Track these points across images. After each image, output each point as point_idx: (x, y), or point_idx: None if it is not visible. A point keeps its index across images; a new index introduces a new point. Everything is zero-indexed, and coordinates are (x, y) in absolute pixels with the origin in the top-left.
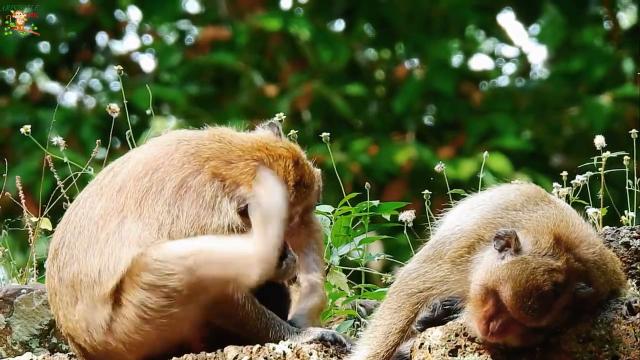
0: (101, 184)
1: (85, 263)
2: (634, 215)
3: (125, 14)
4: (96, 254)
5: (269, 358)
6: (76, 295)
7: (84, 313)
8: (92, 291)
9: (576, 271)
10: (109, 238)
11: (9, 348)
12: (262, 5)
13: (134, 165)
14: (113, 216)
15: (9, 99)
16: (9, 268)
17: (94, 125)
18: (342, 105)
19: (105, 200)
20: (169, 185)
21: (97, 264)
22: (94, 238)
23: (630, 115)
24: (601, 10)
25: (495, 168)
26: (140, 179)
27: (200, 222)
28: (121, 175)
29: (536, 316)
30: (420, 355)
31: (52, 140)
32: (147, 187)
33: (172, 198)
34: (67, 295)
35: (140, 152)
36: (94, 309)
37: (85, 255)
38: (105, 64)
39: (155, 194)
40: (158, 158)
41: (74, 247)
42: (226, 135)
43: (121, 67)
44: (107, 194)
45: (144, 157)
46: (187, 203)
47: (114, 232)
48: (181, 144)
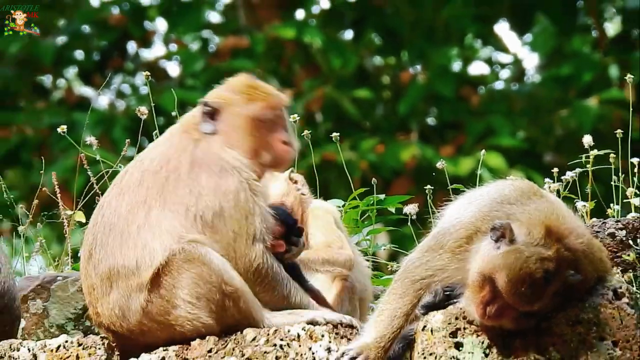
0: (120, 185)
1: (121, 256)
2: (619, 208)
3: (153, 24)
4: (130, 247)
5: (284, 339)
6: (111, 285)
7: (118, 301)
8: (129, 281)
9: (566, 260)
10: (140, 230)
11: (46, 330)
12: (279, 16)
13: (148, 164)
14: (139, 208)
15: (46, 103)
16: (46, 257)
17: (124, 126)
18: (351, 108)
19: (129, 196)
20: (182, 169)
21: (132, 256)
22: (126, 232)
23: (616, 116)
24: (589, 21)
25: (492, 165)
26: (157, 172)
27: (221, 189)
28: (137, 174)
29: (529, 301)
30: (423, 337)
31: (86, 140)
32: (164, 177)
33: (189, 179)
34: (102, 287)
35: (149, 152)
36: (129, 297)
37: (121, 249)
38: (135, 70)
39: (174, 182)
40: (165, 152)
41: (107, 245)
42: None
43: (149, 73)
44: (129, 191)
45: (154, 154)
46: (204, 176)
47: (143, 223)
48: (172, 132)
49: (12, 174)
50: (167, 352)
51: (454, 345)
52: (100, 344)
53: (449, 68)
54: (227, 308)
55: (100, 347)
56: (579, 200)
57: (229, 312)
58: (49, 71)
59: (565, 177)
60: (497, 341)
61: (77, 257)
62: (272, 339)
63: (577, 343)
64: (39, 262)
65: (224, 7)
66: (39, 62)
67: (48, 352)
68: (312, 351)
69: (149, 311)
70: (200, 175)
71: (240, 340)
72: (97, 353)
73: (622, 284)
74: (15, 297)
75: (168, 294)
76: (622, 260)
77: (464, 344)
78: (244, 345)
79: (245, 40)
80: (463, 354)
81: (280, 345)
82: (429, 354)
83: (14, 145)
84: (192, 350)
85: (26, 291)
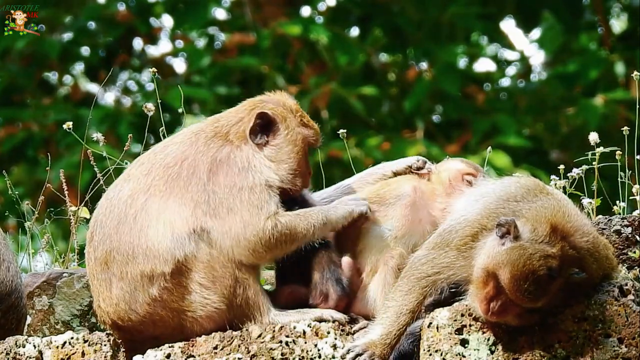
0: (129, 173)
1: (117, 240)
2: (625, 205)
3: (159, 21)
4: (126, 232)
5: (290, 336)
6: (110, 279)
7: (123, 293)
8: (126, 267)
9: (570, 258)
10: (137, 216)
11: (52, 327)
12: (285, 13)
13: (163, 157)
14: (140, 195)
15: (52, 99)
16: (52, 254)
17: (130, 123)
18: (358, 105)
19: (134, 183)
20: (201, 168)
21: (127, 241)
22: (123, 216)
23: (622, 114)
24: (595, 18)
25: (497, 163)
26: (171, 167)
27: (237, 187)
28: (147, 164)
29: (532, 298)
30: (429, 333)
31: (92, 136)
32: (177, 172)
33: (206, 177)
34: (101, 276)
35: (166, 147)
36: (135, 289)
37: (117, 233)
38: (141, 66)
39: (186, 178)
40: (184, 150)
41: (106, 226)
42: (224, 112)
43: (155, 69)
44: (135, 179)
45: (171, 150)
46: (222, 175)
47: (141, 209)
48: (199, 134)
49: (18, 170)
50: (172, 349)
51: (460, 342)
52: (106, 341)
53: (455, 65)
54: (237, 295)
55: (106, 344)
56: (585, 198)
57: (238, 299)
58: (55, 67)
59: (572, 174)
60: (502, 338)
61: (83, 254)
62: (278, 335)
63: (582, 340)
64: (45, 258)
65: (230, 3)
66: (45, 59)
67: (54, 348)
68: (318, 348)
69: (162, 299)
70: (219, 175)
71: (246, 336)
72: (102, 349)
73: (628, 281)
74: (22, 295)
75: (185, 280)
76: (628, 257)
77: (470, 340)
78: (249, 341)
79: (251, 37)
80: (469, 351)
81: (286, 342)
82: (434, 351)
83: (20, 142)
84: (197, 346)
85: (32, 288)
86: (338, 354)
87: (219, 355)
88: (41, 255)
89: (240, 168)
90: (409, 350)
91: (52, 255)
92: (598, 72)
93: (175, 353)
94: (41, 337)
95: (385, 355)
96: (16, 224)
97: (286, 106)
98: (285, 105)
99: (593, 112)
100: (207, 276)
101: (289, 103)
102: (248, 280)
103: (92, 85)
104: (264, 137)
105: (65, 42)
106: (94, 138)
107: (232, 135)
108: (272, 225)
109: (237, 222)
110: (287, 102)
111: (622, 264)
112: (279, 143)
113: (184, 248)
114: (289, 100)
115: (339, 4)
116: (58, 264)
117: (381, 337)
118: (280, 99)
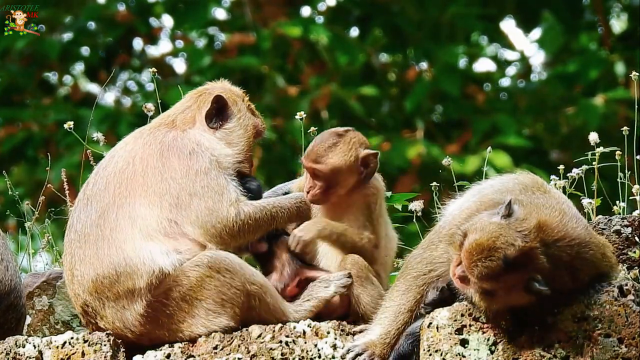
0: (85, 196)
1: (100, 265)
2: (625, 205)
3: (159, 21)
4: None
5: (290, 335)
6: (101, 299)
7: (114, 315)
8: (114, 289)
9: (537, 265)
10: (113, 232)
11: (52, 327)
12: (285, 13)
13: (113, 166)
14: (109, 211)
15: (52, 99)
16: (52, 254)
17: (130, 123)
18: (357, 105)
19: (96, 203)
20: (153, 156)
21: (109, 262)
22: (100, 238)
23: (622, 114)
24: (595, 18)
25: (497, 163)
26: (124, 170)
27: (192, 170)
28: (101, 180)
29: (479, 274)
30: (429, 333)
31: (93, 136)
32: (132, 171)
33: (160, 163)
34: (94, 302)
35: (111, 158)
36: (123, 307)
37: (98, 257)
38: (141, 66)
39: (142, 174)
40: (131, 149)
41: (85, 258)
42: (172, 107)
43: (155, 69)
44: (95, 198)
45: (119, 155)
46: (175, 159)
47: (115, 225)
48: (143, 130)
49: (18, 170)
50: (172, 349)
51: (460, 342)
52: (105, 341)
53: (455, 66)
54: (254, 307)
55: (106, 344)
56: (585, 198)
57: (255, 311)
58: (55, 68)
59: (571, 174)
60: (502, 338)
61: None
62: (278, 335)
63: (582, 340)
64: (45, 258)
65: (230, 3)
66: (45, 59)
67: (54, 348)
68: (318, 348)
69: (154, 318)
70: (171, 159)
71: (246, 336)
72: (102, 349)
73: (627, 281)
74: (21, 295)
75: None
76: (628, 257)
77: (470, 340)
78: (249, 341)
79: (251, 37)
80: (469, 351)
81: (286, 342)
82: (434, 351)
83: (20, 142)
84: (197, 347)
85: (32, 288)
86: (338, 354)
87: (219, 355)
88: (41, 256)
89: (190, 150)
90: (409, 350)
91: (52, 255)
92: (598, 72)
93: (175, 353)
94: (41, 337)
95: (385, 354)
96: (16, 224)
97: (235, 92)
98: (233, 91)
99: (593, 112)
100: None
101: (236, 90)
102: (261, 288)
103: (92, 86)
104: (219, 121)
105: (65, 42)
106: (94, 138)
107: (179, 121)
108: (235, 213)
109: (203, 209)
110: (234, 89)
111: (622, 264)
112: (231, 127)
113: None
114: (235, 87)
115: (339, 4)
116: (58, 264)
117: (380, 336)
118: (226, 86)
